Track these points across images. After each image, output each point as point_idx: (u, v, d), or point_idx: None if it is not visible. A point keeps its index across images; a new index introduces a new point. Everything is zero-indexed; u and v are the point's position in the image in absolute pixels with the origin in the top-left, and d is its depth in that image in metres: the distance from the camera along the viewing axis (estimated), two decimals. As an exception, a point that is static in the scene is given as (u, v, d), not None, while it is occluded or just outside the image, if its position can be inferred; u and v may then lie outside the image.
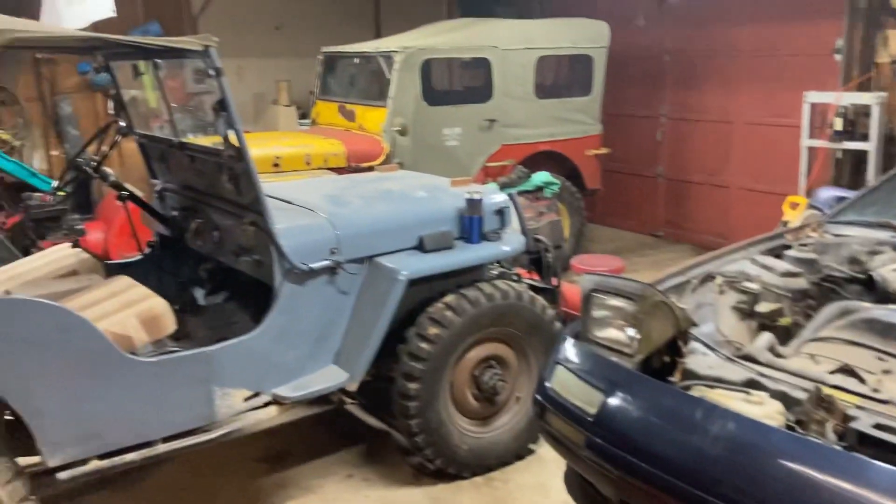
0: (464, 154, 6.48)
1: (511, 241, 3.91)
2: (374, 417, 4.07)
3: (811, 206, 4.19)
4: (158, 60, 3.53)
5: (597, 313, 2.64)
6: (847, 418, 2.07)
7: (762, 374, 2.32)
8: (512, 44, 6.60)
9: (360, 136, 6.24)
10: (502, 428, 3.80)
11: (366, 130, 6.30)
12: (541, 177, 4.82)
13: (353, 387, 3.47)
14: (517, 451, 3.84)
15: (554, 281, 4.29)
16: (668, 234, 8.13)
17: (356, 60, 6.80)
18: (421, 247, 3.62)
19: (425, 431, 3.52)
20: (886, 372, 2.31)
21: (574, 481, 2.73)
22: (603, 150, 7.27)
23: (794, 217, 5.30)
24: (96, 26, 5.32)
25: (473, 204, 3.76)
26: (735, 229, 7.38)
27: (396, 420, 3.60)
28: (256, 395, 3.20)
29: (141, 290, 3.24)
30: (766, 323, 2.80)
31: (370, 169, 5.60)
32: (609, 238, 8.16)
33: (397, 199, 3.95)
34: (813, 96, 6.10)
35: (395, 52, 6.15)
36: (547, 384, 2.63)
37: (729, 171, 7.46)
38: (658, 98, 7.96)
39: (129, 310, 3.03)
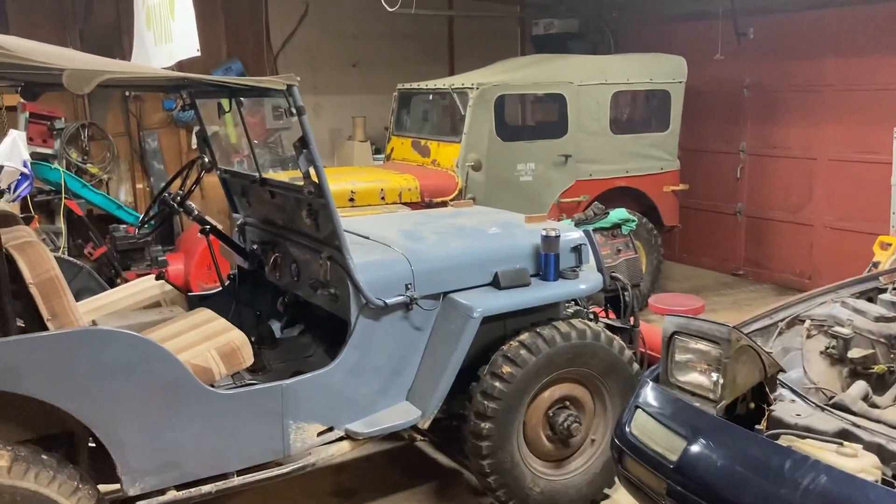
0: (537, 190, 6.46)
1: (587, 279, 3.84)
2: (446, 455, 4.03)
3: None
4: (241, 99, 3.64)
5: (679, 356, 2.57)
6: (953, 476, 1.94)
7: (856, 425, 2.20)
8: (587, 79, 6.58)
9: (434, 172, 6.29)
10: (576, 471, 3.70)
11: (440, 166, 6.34)
12: (618, 213, 4.74)
13: (425, 424, 3.44)
14: (591, 496, 3.73)
15: (632, 320, 4.20)
16: (749, 273, 7.90)
17: (431, 97, 6.88)
18: (496, 283, 3.59)
19: (498, 472, 3.46)
20: None
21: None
22: (681, 186, 7.14)
23: (885, 258, 5.07)
24: (181, 65, 5.53)
25: (549, 241, 3.72)
26: (819, 269, 7.12)
27: (469, 459, 3.55)
28: (330, 429, 3.21)
29: (221, 322, 3.31)
30: (857, 370, 2.67)
31: (444, 204, 5.63)
32: (687, 276, 7.97)
33: (471, 234, 3.95)
34: (904, 131, 5.86)
35: (470, 88, 6.20)
36: (626, 428, 2.55)
37: (813, 208, 7.21)
38: (737, 133, 7.79)
39: (209, 342, 3.09)
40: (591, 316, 4.10)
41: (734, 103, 7.75)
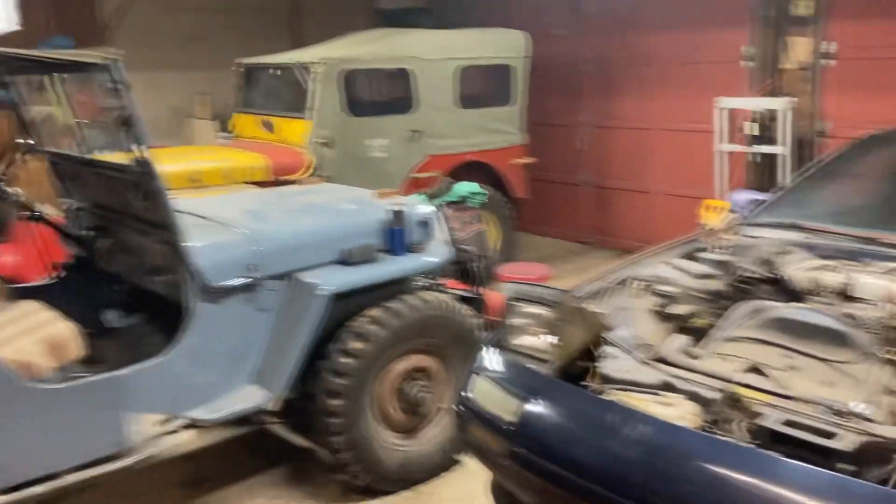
0: (391, 166, 6.45)
1: (436, 253, 3.90)
2: (300, 437, 3.98)
3: (731, 210, 4.30)
4: (66, 76, 3.40)
5: (516, 321, 2.64)
6: (757, 416, 2.11)
7: (676, 376, 2.35)
8: (432, 54, 6.62)
9: (284, 149, 6.14)
10: (429, 440, 3.76)
11: (288, 143, 6.21)
12: (465, 187, 4.81)
13: (274, 406, 3.38)
14: (444, 463, 3.80)
15: (481, 290, 4.30)
16: (595, 241, 8.25)
17: (276, 72, 6.70)
18: (344, 261, 3.57)
19: (351, 448, 3.46)
20: (793, 368, 2.37)
21: (500, 492, 2.71)
22: (528, 160, 7.33)
23: (710, 220, 5.43)
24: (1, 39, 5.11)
25: (397, 216, 3.74)
26: (657, 234, 7.49)
27: (321, 438, 3.53)
28: (171, 418, 3.09)
29: (46, 314, 3.11)
30: (682, 325, 2.85)
31: (294, 182, 5.52)
32: (538, 246, 8.22)
33: (319, 212, 3.90)
34: (725, 102, 6.29)
35: (314, 63, 6.09)
36: (467, 393, 2.61)
37: (649, 176, 7.62)
38: (578, 106, 8.08)
39: (32, 335, 2.90)
40: (441, 287, 4.17)
41: (575, 77, 8.03)
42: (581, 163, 8.24)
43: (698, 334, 2.82)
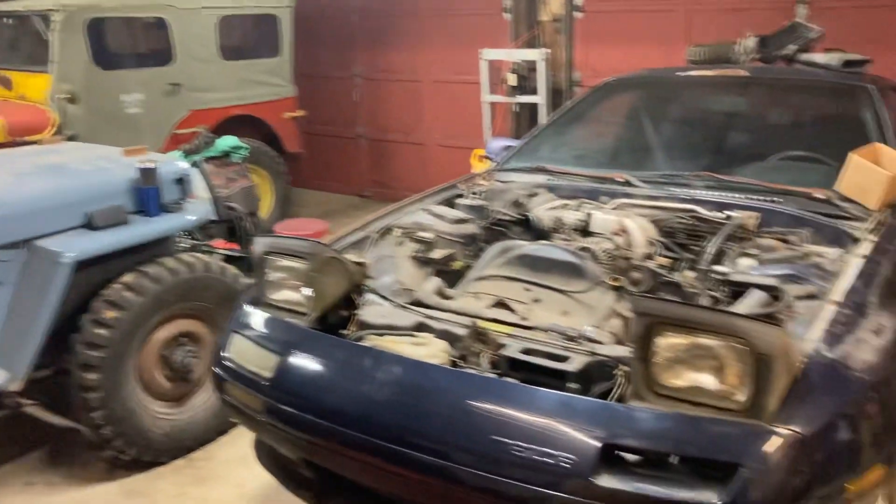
0: (148, 122, 6.04)
1: (195, 211, 3.73)
2: (59, 416, 3.69)
3: (485, 157, 4.48)
4: None
5: (272, 276, 2.60)
6: (501, 348, 2.24)
7: (430, 317, 2.42)
8: (190, 2, 6.23)
9: (23, 107, 5.56)
10: (201, 406, 3.64)
11: (28, 100, 5.62)
12: (227, 141, 4.61)
13: (19, 387, 3.10)
14: (218, 428, 3.70)
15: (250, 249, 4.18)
16: (375, 194, 8.31)
17: (9, 20, 6.01)
18: (89, 225, 3.31)
19: (112, 422, 3.27)
20: (536, 301, 2.53)
21: (263, 449, 2.68)
22: (299, 113, 7.19)
23: (480, 169, 5.64)
24: None
25: (147, 174, 3.52)
26: (434, 184, 7.71)
27: (80, 415, 3.30)
28: None
29: None
30: (441, 269, 2.95)
31: (35, 143, 5.01)
32: (317, 202, 8.15)
33: (58, 173, 3.58)
34: (488, 53, 6.51)
35: (53, 10, 5.51)
36: (223, 353, 2.54)
37: (423, 128, 7.76)
38: (351, 58, 8.03)
39: None
40: (207, 248, 4.01)
41: (346, 29, 7.95)
42: (357, 116, 8.22)
43: (458, 277, 2.93)
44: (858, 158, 2.91)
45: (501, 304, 2.50)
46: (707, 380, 1.89)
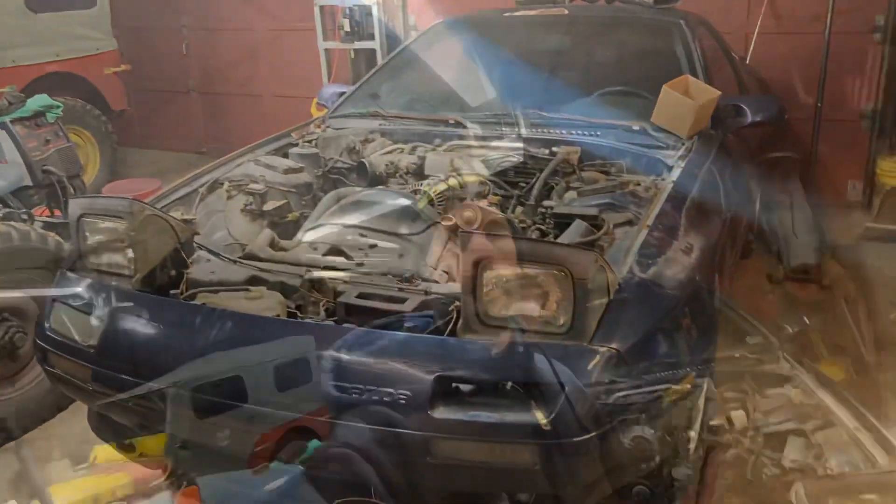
0: (-55, 83, 5.49)
1: (4, 176, 3.45)
2: None
3: (319, 105, 4.40)
4: None
5: (91, 239, 2.45)
6: (338, 295, 2.23)
7: (264, 270, 2.37)
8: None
9: None
10: (33, 383, 3.42)
11: None
12: (37, 101, 4.27)
13: None
14: (56, 404, 3.50)
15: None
16: (212, 150, 7.95)
17: None
18: None
19: (-74, 411, 3.03)
20: (372, 246, 2.53)
21: (95, 418, 2.57)
22: (122, 67, 6.75)
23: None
24: None
25: (-57, 139, 3.21)
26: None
27: None
28: None
29: None
30: (276, 220, 2.89)
31: None
32: (150, 161, 7.73)
33: None
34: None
35: None
36: (45, 324, 2.39)
37: (260, 79, 7.50)
38: (176, 7, 7.58)
39: None
40: (24, 217, 3.74)
41: (168, -25, 7.50)
42: (188, 69, 7.82)
43: (296, 227, 2.88)
44: (669, 90, 3.09)
45: (337, 251, 2.49)
46: (531, 307, 1.98)
